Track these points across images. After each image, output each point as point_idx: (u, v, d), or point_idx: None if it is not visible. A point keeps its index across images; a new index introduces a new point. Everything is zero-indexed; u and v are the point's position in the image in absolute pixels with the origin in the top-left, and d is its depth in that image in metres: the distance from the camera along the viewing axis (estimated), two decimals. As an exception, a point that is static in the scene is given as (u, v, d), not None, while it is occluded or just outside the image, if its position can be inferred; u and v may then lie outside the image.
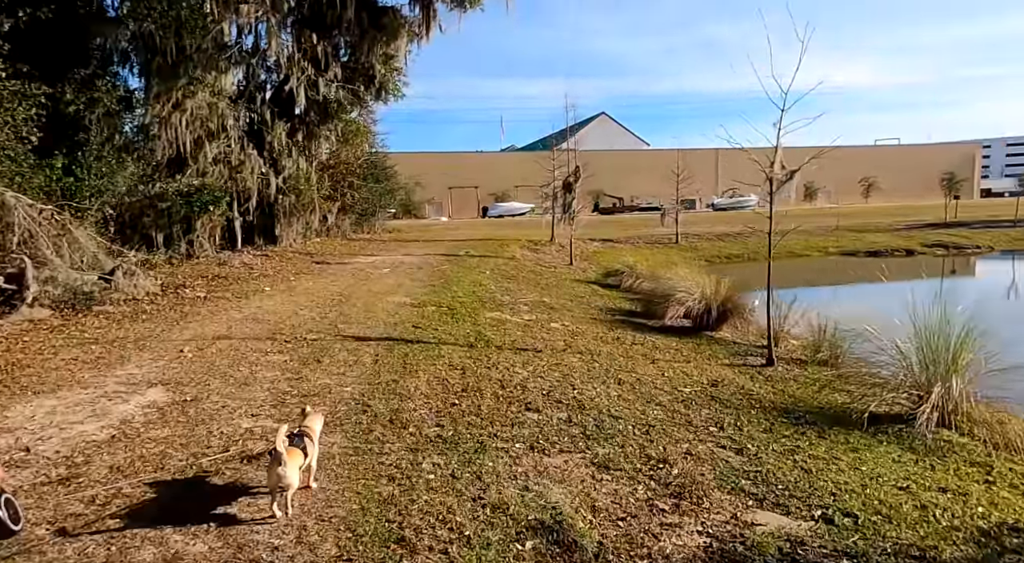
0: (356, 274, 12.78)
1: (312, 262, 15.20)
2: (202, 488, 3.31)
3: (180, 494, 3.23)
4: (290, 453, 2.92)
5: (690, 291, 9.46)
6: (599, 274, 16.18)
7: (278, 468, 2.84)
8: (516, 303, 10.43)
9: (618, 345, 7.63)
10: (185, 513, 2.99)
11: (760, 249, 27.24)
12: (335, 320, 7.81)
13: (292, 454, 2.95)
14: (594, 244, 25.43)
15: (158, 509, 3.06)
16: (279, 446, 2.84)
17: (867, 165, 64.07)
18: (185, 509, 3.04)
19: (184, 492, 3.26)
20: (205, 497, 3.19)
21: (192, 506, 3.08)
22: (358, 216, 26.47)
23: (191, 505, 3.09)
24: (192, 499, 3.17)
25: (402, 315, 8.32)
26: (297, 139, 18.00)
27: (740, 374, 6.64)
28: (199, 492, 3.26)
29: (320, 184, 20.46)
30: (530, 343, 7.23)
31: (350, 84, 16.93)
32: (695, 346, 8.10)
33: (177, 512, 3.00)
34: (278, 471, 2.84)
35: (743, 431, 4.59)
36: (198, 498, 3.18)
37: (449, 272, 13.55)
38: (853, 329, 7.72)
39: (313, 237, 21.02)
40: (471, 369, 5.70)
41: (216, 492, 3.25)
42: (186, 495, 3.23)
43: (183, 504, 3.11)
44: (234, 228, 16.16)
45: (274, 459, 2.85)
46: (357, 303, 9.12)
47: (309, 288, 10.56)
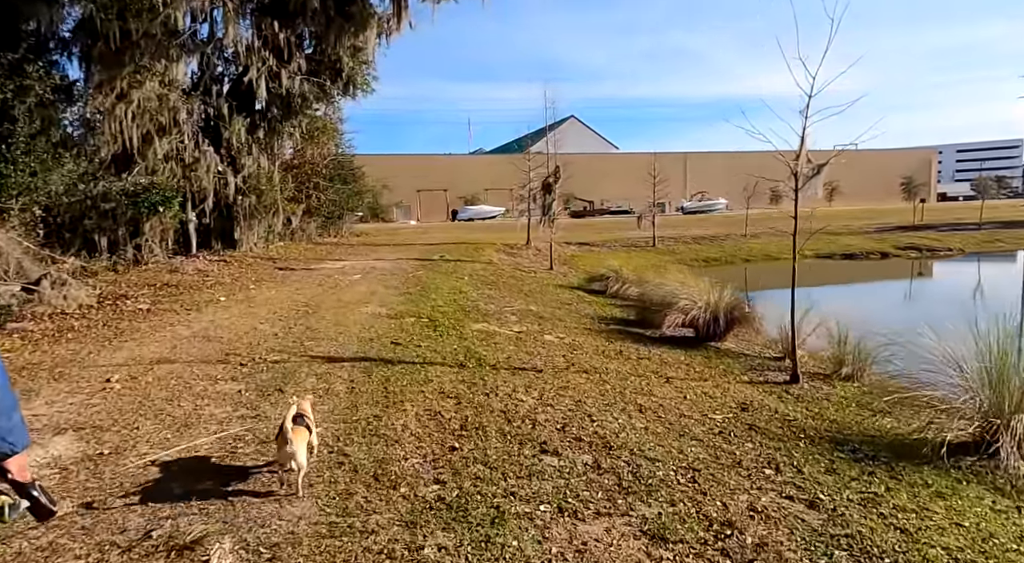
0: (324, 281, 11.70)
1: (275, 268, 14.03)
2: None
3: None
4: (296, 431, 3.06)
5: (692, 298, 8.71)
6: (583, 279, 15.41)
7: (285, 447, 2.99)
8: (502, 312, 9.54)
9: (624, 361, 6.81)
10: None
11: (737, 252, 27.04)
12: (301, 336, 6.78)
13: (298, 432, 3.08)
14: (571, 248, 24.72)
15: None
16: (287, 424, 3.01)
17: (829, 169, 65.11)
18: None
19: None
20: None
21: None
22: (324, 219, 25.19)
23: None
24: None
25: (378, 329, 7.33)
26: (258, 136, 16.76)
27: (766, 394, 5.88)
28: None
29: (283, 185, 19.21)
30: (527, 360, 6.35)
31: (315, 77, 15.81)
32: (705, 360, 7.34)
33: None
34: (287, 449, 2.99)
35: (803, 473, 3.79)
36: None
37: (425, 278, 12.57)
38: (878, 339, 7.13)
39: (276, 241, 19.73)
40: (466, 397, 4.77)
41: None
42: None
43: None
44: (188, 231, 14.85)
45: (280, 439, 2.99)
46: (326, 315, 8.10)
47: (271, 298, 9.47)
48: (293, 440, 3.00)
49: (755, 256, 26.38)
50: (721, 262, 25.53)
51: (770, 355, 7.98)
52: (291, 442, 2.99)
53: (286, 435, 2.99)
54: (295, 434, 3.04)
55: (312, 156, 23.36)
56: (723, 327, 8.31)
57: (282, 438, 3.01)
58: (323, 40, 15.60)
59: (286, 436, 2.99)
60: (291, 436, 3.00)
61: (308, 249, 19.72)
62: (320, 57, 16.23)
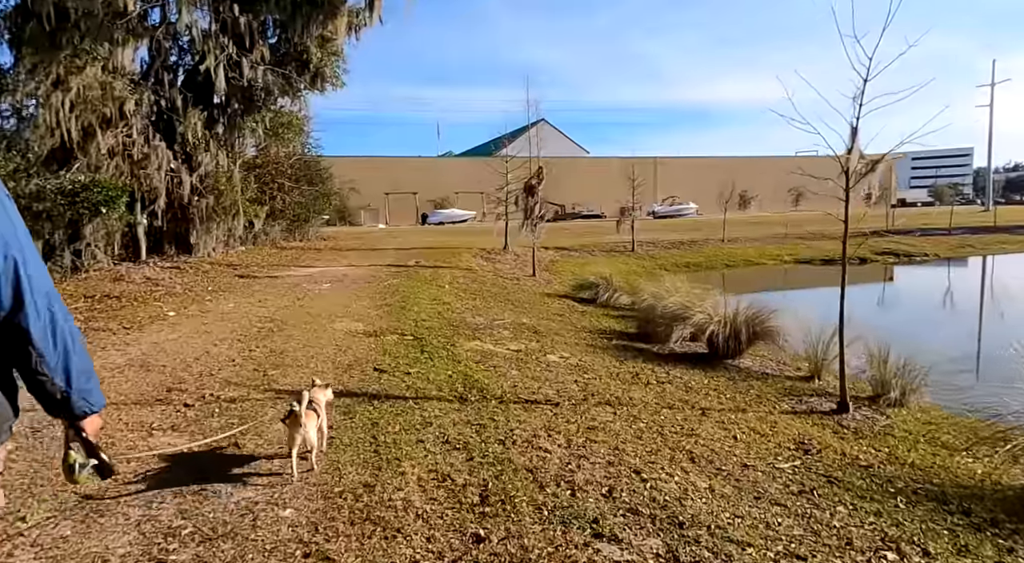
0: (290, 291, 10.51)
1: (235, 276, 12.75)
2: None
3: None
4: (307, 414, 3.21)
5: (707, 312, 7.86)
6: (569, 287, 14.49)
7: (298, 429, 3.16)
8: (493, 326, 8.54)
9: (644, 387, 5.89)
10: None
11: (717, 257, 26.56)
12: (264, 362, 5.66)
13: (309, 415, 3.24)
14: (549, 253, 23.83)
15: None
16: (299, 408, 3.15)
17: (792, 175, 65.85)
18: None
19: None
20: None
21: None
22: (290, 222, 23.79)
23: None
24: None
25: (357, 350, 6.26)
26: (216, 131, 15.42)
27: (819, 428, 5.03)
28: None
29: (245, 185, 17.83)
30: (536, 389, 5.36)
31: (280, 68, 14.57)
32: (730, 383, 6.48)
33: None
34: (299, 431, 3.16)
35: (931, 555, 2.90)
36: None
37: (402, 287, 11.48)
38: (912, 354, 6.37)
39: (237, 245, 18.34)
40: (478, 448, 3.76)
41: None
42: None
43: None
44: (137, 235, 13.45)
45: (293, 421, 3.15)
46: (294, 333, 6.98)
47: (229, 312, 8.27)
48: (305, 423, 3.18)
49: (736, 261, 25.95)
50: (702, 267, 25.02)
51: (796, 374, 7.17)
52: (304, 425, 3.17)
53: (299, 418, 3.15)
54: (307, 417, 3.22)
55: (276, 155, 21.98)
56: (744, 343, 7.48)
57: (294, 421, 3.16)
58: (288, 28, 14.37)
59: (299, 419, 3.15)
60: (304, 419, 3.18)
61: (272, 254, 18.37)
62: (285, 47, 15.00)
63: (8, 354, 1.42)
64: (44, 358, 1.42)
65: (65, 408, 1.50)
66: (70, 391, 1.47)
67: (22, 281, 1.37)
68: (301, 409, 3.17)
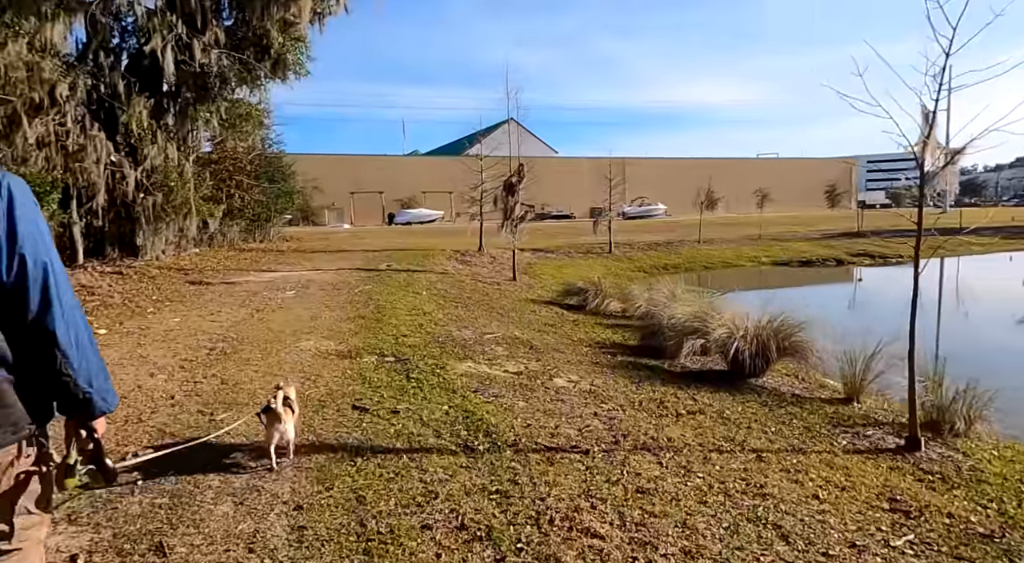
0: (248, 300, 9.28)
1: (185, 282, 11.40)
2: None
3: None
4: (285, 411, 3.38)
5: (726, 324, 6.98)
6: (555, 292, 13.56)
7: (278, 424, 3.35)
8: (483, 341, 7.52)
9: (676, 420, 4.95)
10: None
11: (695, 258, 26.02)
12: (211, 399, 4.52)
13: (287, 411, 3.41)
14: (525, 255, 22.88)
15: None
16: (278, 406, 3.33)
17: (756, 177, 65.97)
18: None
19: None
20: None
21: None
22: (249, 222, 22.28)
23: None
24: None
25: (329, 379, 5.16)
26: (166, 122, 13.99)
27: (898, 474, 4.17)
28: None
29: (200, 182, 16.38)
30: (553, 428, 4.37)
31: (237, 53, 13.23)
32: (765, 409, 5.61)
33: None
34: (279, 427, 3.35)
35: None
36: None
37: (376, 294, 10.35)
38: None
39: (191, 247, 16.86)
40: (507, 538, 2.74)
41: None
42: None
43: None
44: (73, 236, 11.98)
45: (273, 417, 3.34)
46: (251, 356, 5.83)
47: (174, 329, 7.04)
48: (284, 418, 3.36)
49: (714, 263, 25.47)
50: (681, 269, 24.47)
51: (829, 396, 6.36)
52: (284, 420, 3.36)
53: (278, 414, 3.33)
54: (285, 414, 3.38)
55: (235, 149, 20.48)
56: (774, 358, 6.64)
57: (274, 417, 3.33)
58: (246, 9, 13.06)
59: (279, 415, 3.33)
60: (284, 416, 3.36)
61: (230, 257, 16.92)
62: (243, 30, 13.68)
63: (33, 356, 1.41)
64: (68, 359, 1.43)
65: (86, 408, 1.49)
66: (91, 391, 1.48)
67: (50, 285, 1.40)
68: (278, 405, 3.33)
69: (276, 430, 3.34)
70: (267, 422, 3.37)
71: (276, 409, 3.32)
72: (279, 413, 3.33)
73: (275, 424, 3.34)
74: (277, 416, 3.33)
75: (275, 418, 3.33)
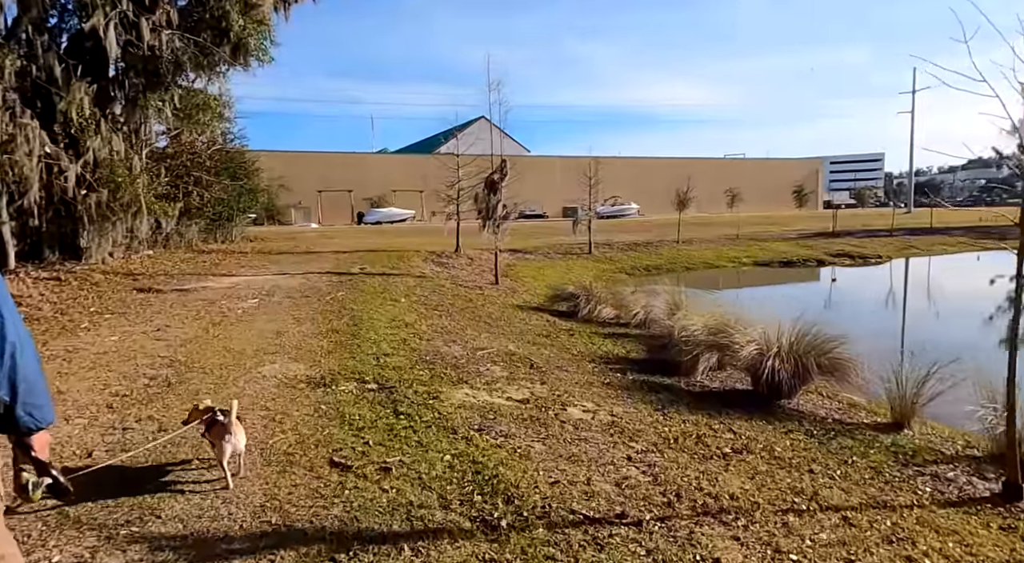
0: (204, 311, 8.15)
1: (133, 289, 10.16)
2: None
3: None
4: (237, 425, 3.19)
5: (755, 338, 6.18)
6: (542, 297, 12.68)
7: (229, 437, 3.11)
8: (476, 358, 6.59)
9: (725, 463, 4.11)
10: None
11: (676, 259, 25.46)
12: (144, 454, 3.48)
13: (238, 425, 3.21)
14: (503, 256, 21.99)
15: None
16: (232, 417, 3.14)
17: (726, 177, 66.22)
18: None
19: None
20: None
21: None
22: (210, 221, 20.81)
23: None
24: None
25: (298, 420, 4.16)
26: (113, 111, 12.65)
27: (1009, 535, 3.38)
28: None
29: (154, 177, 15.02)
30: (587, 483, 3.48)
31: (193, 35, 11.98)
32: (813, 441, 4.83)
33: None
34: (233, 441, 3.12)
35: None
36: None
37: (350, 303, 9.31)
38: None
39: (143, 249, 15.46)
40: None
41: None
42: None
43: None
44: (2, 236, 10.61)
45: (220, 429, 3.13)
46: (202, 386, 4.78)
47: (110, 349, 5.92)
48: (235, 431, 3.15)
49: (695, 264, 24.96)
50: (663, 270, 23.89)
51: (871, 421, 5.62)
52: (234, 433, 3.13)
53: (228, 428, 3.12)
54: (237, 428, 3.18)
55: (192, 144, 19.05)
56: (813, 378, 5.86)
57: (222, 430, 3.13)
58: (203, -13, 11.83)
59: (228, 428, 3.12)
60: (233, 428, 3.14)
61: (187, 259, 15.57)
62: (199, 11, 12.42)
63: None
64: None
65: (8, 421, 1.43)
66: (14, 403, 1.41)
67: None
68: (232, 418, 3.15)
69: (228, 444, 3.11)
70: (214, 437, 3.17)
71: (224, 422, 3.13)
72: (227, 426, 3.12)
73: (224, 438, 3.11)
74: (225, 429, 3.12)
75: (223, 432, 3.12)
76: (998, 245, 31.83)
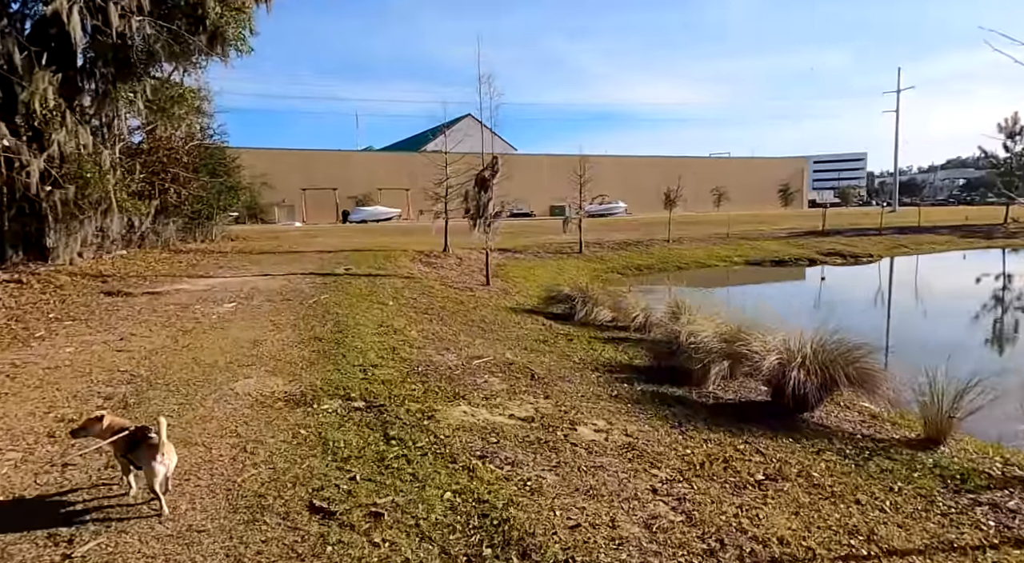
0: (175, 317, 7.53)
1: (100, 292, 9.48)
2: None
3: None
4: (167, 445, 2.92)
5: (777, 347, 5.70)
6: (536, 299, 12.16)
7: (161, 457, 2.82)
8: (471, 367, 6.06)
9: (765, 497, 3.62)
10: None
11: (667, 258, 25.07)
12: (88, 504, 2.91)
13: (169, 445, 2.93)
14: (492, 255, 21.45)
15: None
16: (162, 436, 2.84)
17: (712, 175, 66.03)
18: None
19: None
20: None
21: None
22: (188, 219, 20.05)
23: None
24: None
25: (274, 447, 3.61)
26: (81, 103, 11.93)
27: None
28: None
29: (128, 173, 14.29)
30: (613, 526, 2.97)
31: (166, 22, 11.30)
32: (848, 462, 4.37)
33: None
34: (162, 461, 2.83)
35: None
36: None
37: (335, 306, 8.72)
38: None
39: (116, 249, 14.73)
40: None
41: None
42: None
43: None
44: (-41, 237, 9.89)
45: (156, 451, 2.82)
46: (164, 407, 4.20)
47: (63, 363, 5.30)
48: (167, 452, 2.89)
49: (687, 263, 24.60)
50: (654, 269, 23.55)
51: (900, 434, 5.18)
52: (165, 453, 2.86)
53: (159, 447, 2.83)
54: (167, 448, 2.90)
55: (169, 139, 18.27)
56: (841, 390, 5.41)
57: (153, 450, 2.82)
58: (176, -29, 11.15)
59: (160, 448, 2.83)
60: (164, 448, 2.86)
61: (163, 260, 14.85)
62: (173, -2, 11.73)
63: None
64: None
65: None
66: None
67: None
68: (162, 437, 2.84)
69: (161, 465, 2.83)
70: (143, 458, 2.84)
71: (155, 441, 2.83)
72: (157, 445, 2.82)
73: (155, 459, 2.81)
74: (156, 449, 2.81)
75: (154, 451, 2.81)
76: (988, 244, 31.91)
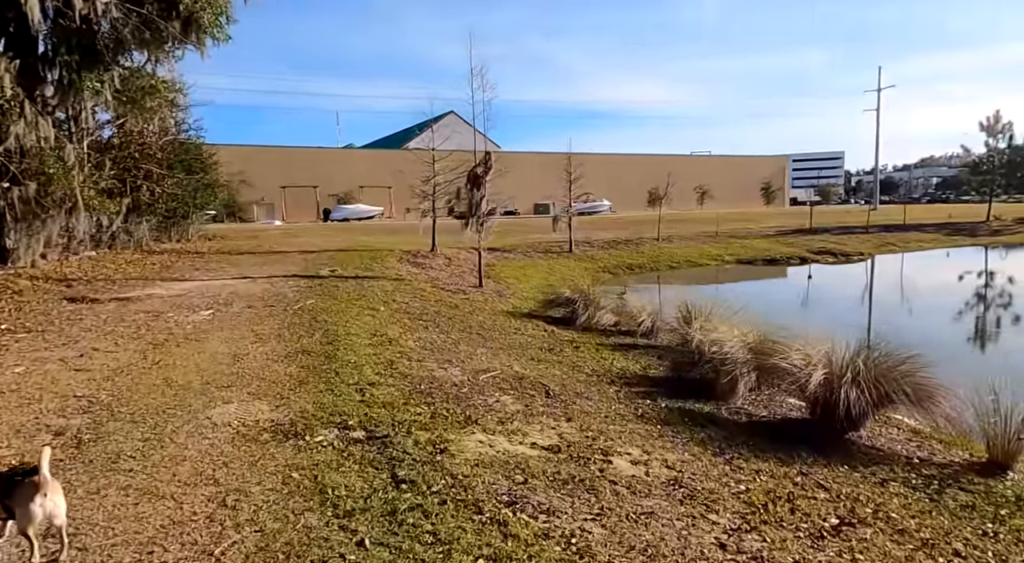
0: (145, 328, 6.78)
1: (63, 298, 8.67)
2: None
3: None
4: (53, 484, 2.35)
5: (820, 360, 5.16)
6: (534, 302, 11.57)
7: (41, 499, 2.24)
8: (479, 383, 5.44)
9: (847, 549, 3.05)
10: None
11: (658, 257, 24.64)
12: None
13: (56, 485, 2.36)
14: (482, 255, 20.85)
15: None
16: (45, 472, 2.27)
17: (695, 174, 65.82)
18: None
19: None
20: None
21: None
22: (163, 218, 19.10)
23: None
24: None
25: (260, 499, 2.95)
26: (42, 93, 11.03)
27: None
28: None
29: (97, 171, 13.40)
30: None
31: (136, 6, 10.47)
32: (917, 495, 3.84)
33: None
34: (42, 502, 2.25)
35: None
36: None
37: (323, 313, 8.02)
38: None
39: (84, 250, 13.83)
40: None
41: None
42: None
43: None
44: (-97, 238, 9.00)
45: (29, 489, 2.24)
46: (125, 446, 3.52)
47: (9, 386, 4.56)
48: (50, 492, 2.28)
49: (678, 262, 24.20)
50: (646, 269, 23.15)
51: (960, 458, 4.68)
52: (49, 494, 2.26)
53: (41, 485, 2.24)
54: (51, 485, 2.30)
55: (141, 133, 17.31)
56: (898, 405, 4.89)
57: (31, 490, 2.22)
58: (146, -49, 10.32)
59: (41, 487, 2.24)
60: (48, 486, 2.27)
61: (135, 261, 13.97)
62: (143, -21, 10.88)
63: None
64: None
65: None
66: None
67: None
68: (44, 467, 2.25)
69: (40, 508, 2.25)
70: (20, 499, 2.25)
71: (37, 480, 2.25)
72: (46, 482, 2.26)
73: (34, 500, 2.24)
74: (36, 488, 2.24)
75: (33, 491, 2.25)
76: (973, 242, 32.00)
